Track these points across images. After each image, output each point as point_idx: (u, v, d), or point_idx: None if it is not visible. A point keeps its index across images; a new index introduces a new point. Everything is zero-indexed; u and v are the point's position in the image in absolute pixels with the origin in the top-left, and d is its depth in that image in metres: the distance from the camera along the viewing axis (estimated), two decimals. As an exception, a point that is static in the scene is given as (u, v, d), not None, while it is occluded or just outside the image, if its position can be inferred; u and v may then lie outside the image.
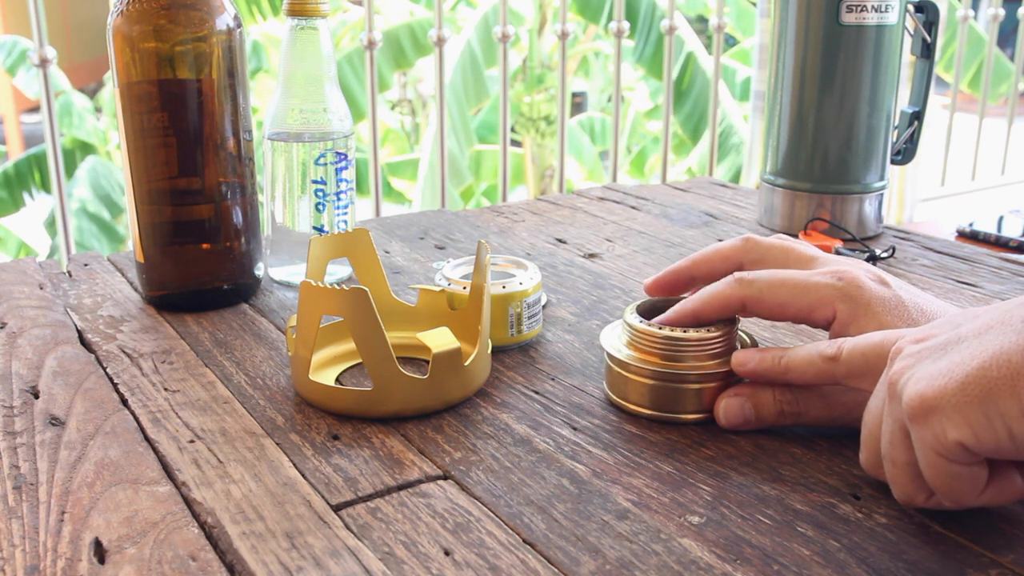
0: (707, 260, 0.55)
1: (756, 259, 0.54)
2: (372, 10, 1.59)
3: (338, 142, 0.72)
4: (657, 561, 0.40)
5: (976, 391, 0.37)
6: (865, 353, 0.44)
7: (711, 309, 0.52)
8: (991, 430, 0.36)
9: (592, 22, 4.42)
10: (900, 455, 0.40)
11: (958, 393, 0.37)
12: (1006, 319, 0.38)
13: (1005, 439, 0.36)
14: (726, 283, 0.51)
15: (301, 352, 0.53)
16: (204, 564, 0.40)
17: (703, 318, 0.52)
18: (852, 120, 0.85)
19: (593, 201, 1.02)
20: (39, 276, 0.77)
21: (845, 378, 0.46)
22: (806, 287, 0.50)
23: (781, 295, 0.50)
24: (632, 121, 5.51)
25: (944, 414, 0.37)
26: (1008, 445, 0.37)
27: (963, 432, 0.37)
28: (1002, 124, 2.80)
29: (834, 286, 0.49)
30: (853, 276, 0.50)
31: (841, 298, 0.49)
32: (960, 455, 0.38)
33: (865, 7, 0.82)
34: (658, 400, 0.52)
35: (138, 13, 0.64)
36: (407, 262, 0.81)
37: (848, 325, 0.49)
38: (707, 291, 0.52)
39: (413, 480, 0.47)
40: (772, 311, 0.51)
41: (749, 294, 0.51)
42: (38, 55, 1.38)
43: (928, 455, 0.39)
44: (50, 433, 0.51)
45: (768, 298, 0.50)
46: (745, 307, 0.51)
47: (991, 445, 0.37)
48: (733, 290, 0.51)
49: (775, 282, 0.51)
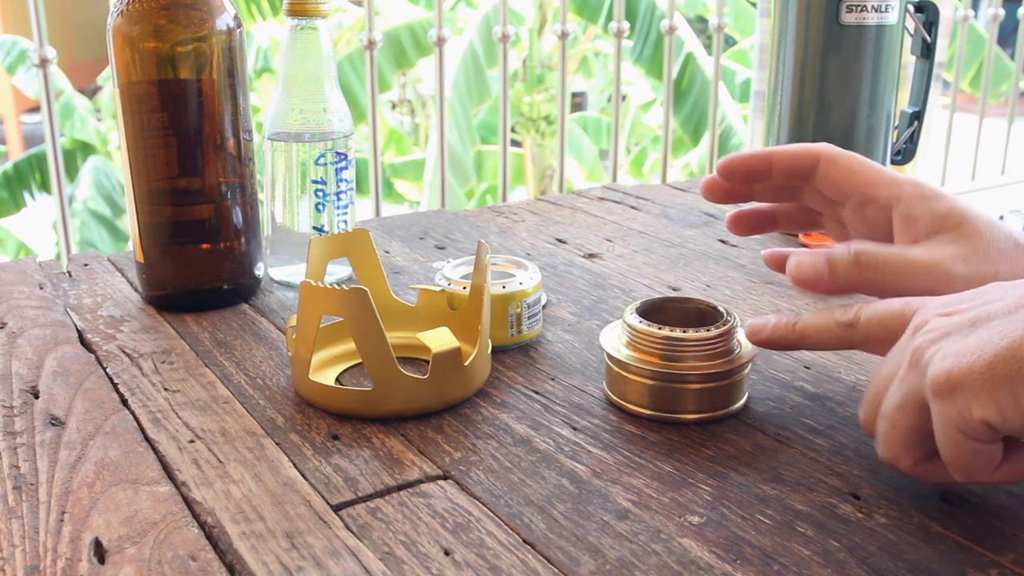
0: (789, 152, 0.55)
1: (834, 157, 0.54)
2: (372, 10, 1.59)
3: (338, 142, 0.72)
4: (657, 561, 0.40)
5: (1004, 370, 0.37)
6: (884, 321, 0.45)
7: (787, 154, 0.54)
8: (1018, 409, 0.37)
9: (591, 22, 4.42)
10: (904, 420, 0.41)
11: (986, 371, 0.37)
12: None
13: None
14: (813, 144, 0.54)
15: (301, 352, 0.53)
16: (204, 564, 0.40)
17: (776, 164, 0.54)
18: (852, 120, 0.85)
19: (593, 201, 1.02)
20: (39, 276, 0.77)
21: (863, 345, 0.46)
22: (878, 167, 0.53)
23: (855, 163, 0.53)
24: (631, 118, 5.50)
25: (971, 392, 0.37)
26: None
27: (989, 411, 0.37)
28: (1002, 124, 2.80)
29: (904, 175, 0.52)
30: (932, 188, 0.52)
31: (911, 183, 0.51)
32: (983, 433, 0.38)
33: (865, 7, 0.82)
34: (657, 400, 0.52)
35: (138, 13, 0.64)
36: (407, 262, 0.81)
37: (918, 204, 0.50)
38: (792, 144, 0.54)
39: (413, 480, 0.47)
40: (841, 175, 0.53)
41: (828, 152, 0.54)
42: (38, 55, 1.38)
43: (949, 431, 0.39)
44: (50, 433, 0.51)
45: (843, 161, 0.53)
46: (819, 163, 0.54)
47: (1017, 424, 0.37)
48: (817, 145, 0.53)
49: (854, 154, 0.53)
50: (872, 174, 0.52)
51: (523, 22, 5.18)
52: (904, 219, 0.50)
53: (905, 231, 0.50)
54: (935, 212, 0.49)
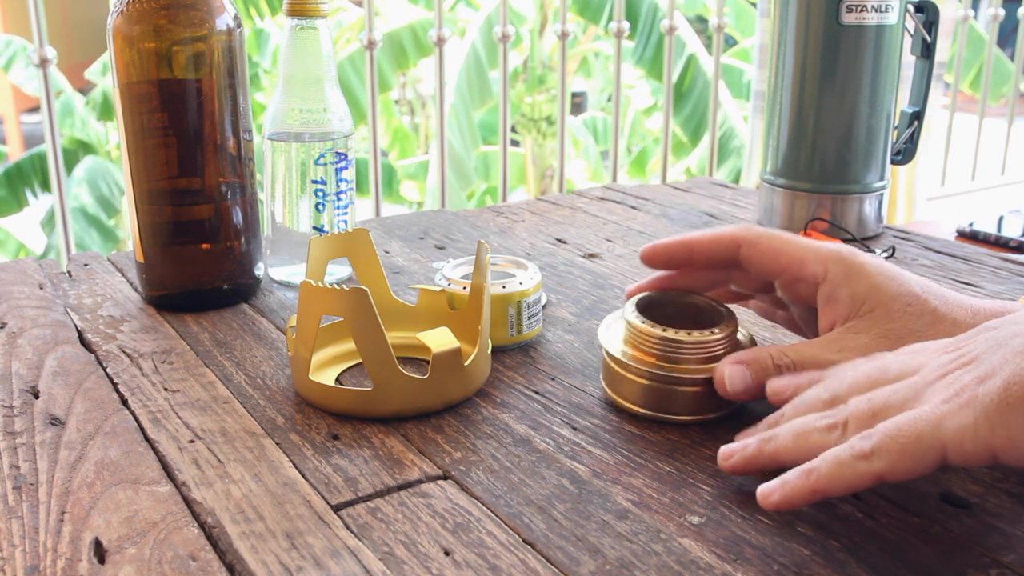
0: (708, 239, 0.55)
1: (754, 241, 0.54)
2: (372, 10, 1.59)
3: (338, 142, 0.72)
4: (657, 561, 0.40)
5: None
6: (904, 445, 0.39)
7: (706, 241, 0.53)
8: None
9: (592, 22, 4.42)
10: None
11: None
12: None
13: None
14: (732, 226, 0.54)
15: (301, 352, 0.53)
16: (204, 564, 0.40)
17: (697, 251, 0.54)
18: (852, 120, 0.85)
19: (593, 201, 1.02)
20: (39, 276, 0.77)
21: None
22: (802, 243, 0.52)
23: (777, 243, 0.52)
24: (632, 119, 5.50)
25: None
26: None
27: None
28: (1002, 124, 2.80)
29: (830, 248, 0.51)
30: (847, 247, 0.52)
31: (835, 259, 0.51)
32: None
33: (865, 7, 0.82)
34: (652, 400, 0.52)
35: (138, 13, 0.64)
36: (407, 262, 0.81)
37: (839, 285, 0.50)
38: (712, 230, 0.54)
39: (413, 480, 0.47)
40: (765, 258, 0.52)
41: (747, 236, 0.52)
42: (38, 55, 1.37)
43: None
44: (50, 433, 0.51)
45: (765, 243, 0.52)
46: (740, 249, 0.53)
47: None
48: (735, 230, 0.53)
49: (774, 233, 0.53)
50: (798, 253, 0.52)
51: (524, 22, 5.18)
52: (826, 301, 0.51)
53: (827, 313, 0.51)
54: (854, 295, 0.50)
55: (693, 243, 0.54)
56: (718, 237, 0.54)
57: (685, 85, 4.18)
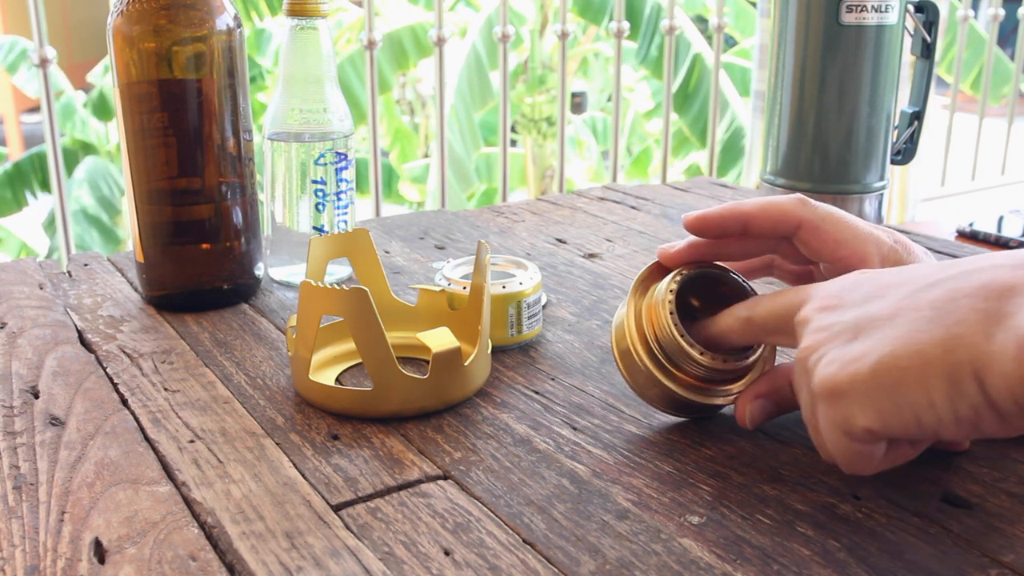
0: (766, 214, 0.51)
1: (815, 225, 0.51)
2: (372, 10, 1.59)
3: (338, 142, 0.72)
4: (657, 561, 0.40)
5: (887, 380, 0.37)
6: (777, 311, 0.45)
7: (766, 216, 0.50)
8: (899, 418, 0.37)
9: (593, 23, 4.42)
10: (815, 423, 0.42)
11: (869, 380, 0.38)
12: (915, 303, 0.38)
13: (912, 426, 0.37)
14: (788, 198, 0.51)
15: (301, 352, 0.53)
16: (204, 564, 0.40)
17: (752, 225, 0.50)
18: (852, 120, 0.85)
19: (593, 201, 1.02)
20: (39, 276, 0.77)
21: (764, 337, 0.47)
22: (861, 234, 0.49)
23: (837, 233, 0.49)
24: (632, 121, 5.49)
25: (854, 400, 0.38)
26: (915, 431, 0.38)
27: (871, 418, 0.38)
28: (1002, 124, 2.80)
29: (891, 246, 0.50)
30: (906, 242, 0.50)
31: (894, 261, 0.49)
32: (865, 437, 0.39)
33: (865, 7, 0.82)
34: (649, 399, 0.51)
35: (138, 13, 0.64)
36: (407, 262, 0.81)
37: None
38: (766, 199, 0.51)
39: (413, 480, 0.47)
40: (825, 247, 0.50)
41: (809, 218, 0.50)
42: (38, 55, 1.38)
43: (833, 433, 0.40)
44: (50, 433, 0.51)
45: (826, 232, 0.49)
46: (799, 230, 0.50)
47: (898, 431, 0.38)
48: (795, 207, 0.50)
49: (833, 215, 0.50)
50: (860, 249, 0.49)
51: (524, 22, 5.18)
52: None
53: None
54: None
55: (748, 215, 0.51)
56: (778, 213, 0.51)
57: (691, 85, 4.15)
